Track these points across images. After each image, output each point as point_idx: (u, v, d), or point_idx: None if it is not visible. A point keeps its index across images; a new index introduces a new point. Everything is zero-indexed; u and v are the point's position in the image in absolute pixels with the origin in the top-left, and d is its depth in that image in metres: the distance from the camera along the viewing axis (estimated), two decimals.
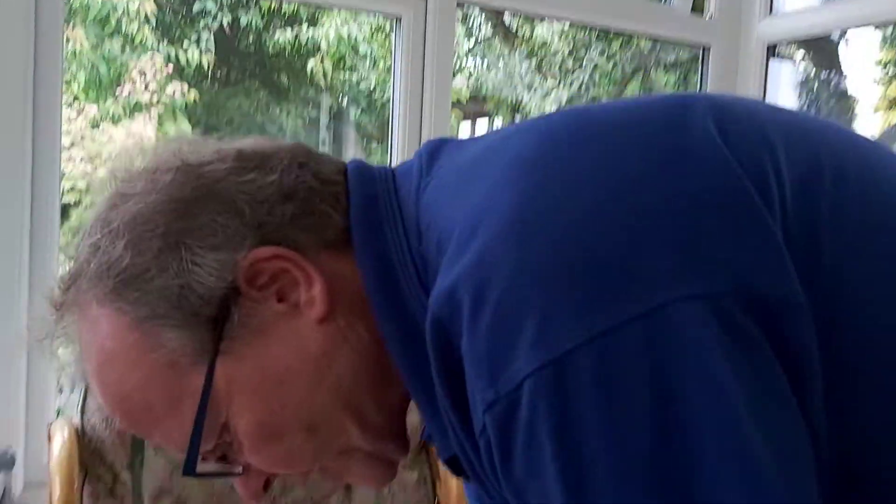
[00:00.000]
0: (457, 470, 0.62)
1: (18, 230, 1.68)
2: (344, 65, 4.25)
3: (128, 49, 4.01)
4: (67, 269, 0.62)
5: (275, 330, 0.59)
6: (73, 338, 0.62)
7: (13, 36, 1.60)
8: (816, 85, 3.87)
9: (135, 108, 3.98)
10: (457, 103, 4.24)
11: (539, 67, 4.98)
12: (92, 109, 3.95)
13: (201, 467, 0.61)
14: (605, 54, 4.78)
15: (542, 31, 4.89)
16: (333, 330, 0.60)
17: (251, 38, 4.46)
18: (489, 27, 4.99)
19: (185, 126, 3.82)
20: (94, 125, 3.93)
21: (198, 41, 4.15)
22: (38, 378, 1.67)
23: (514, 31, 5.02)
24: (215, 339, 0.58)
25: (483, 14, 4.78)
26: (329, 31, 4.17)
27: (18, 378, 1.64)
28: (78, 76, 3.90)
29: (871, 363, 0.53)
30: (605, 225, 0.50)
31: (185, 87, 4.05)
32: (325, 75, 4.22)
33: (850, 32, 3.43)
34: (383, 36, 4.17)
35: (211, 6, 4.20)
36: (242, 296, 0.58)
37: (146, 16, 3.95)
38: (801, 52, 3.60)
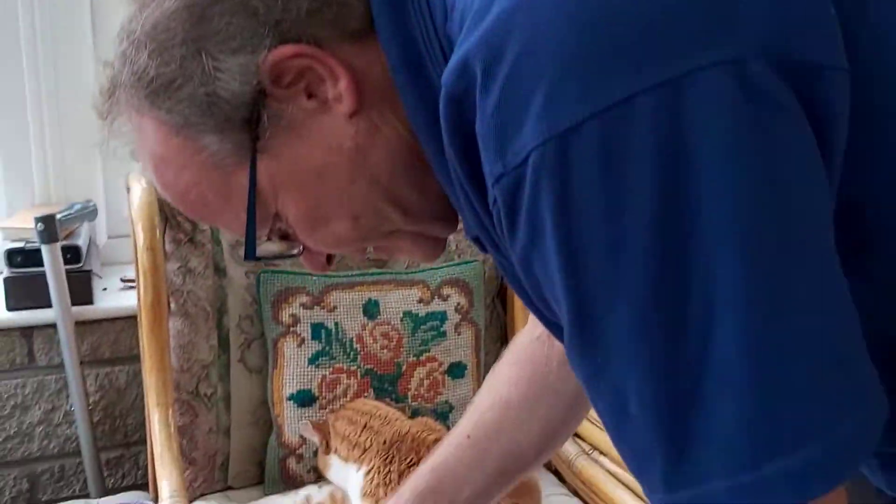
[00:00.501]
0: (483, 247, 0.64)
1: None
2: None
3: None
4: (106, 77, 0.64)
5: (307, 127, 0.60)
6: (127, 139, 0.65)
7: None
8: None
9: None
10: None
11: None
12: None
13: (264, 248, 0.66)
14: None
15: None
16: (365, 123, 0.60)
17: None
18: None
19: None
20: None
21: None
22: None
23: None
24: (252, 140, 0.59)
25: None
26: None
27: (93, 132, 1.70)
28: None
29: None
30: None
31: None
32: None
33: None
34: None
35: None
36: (270, 96, 0.59)
37: None
38: None
